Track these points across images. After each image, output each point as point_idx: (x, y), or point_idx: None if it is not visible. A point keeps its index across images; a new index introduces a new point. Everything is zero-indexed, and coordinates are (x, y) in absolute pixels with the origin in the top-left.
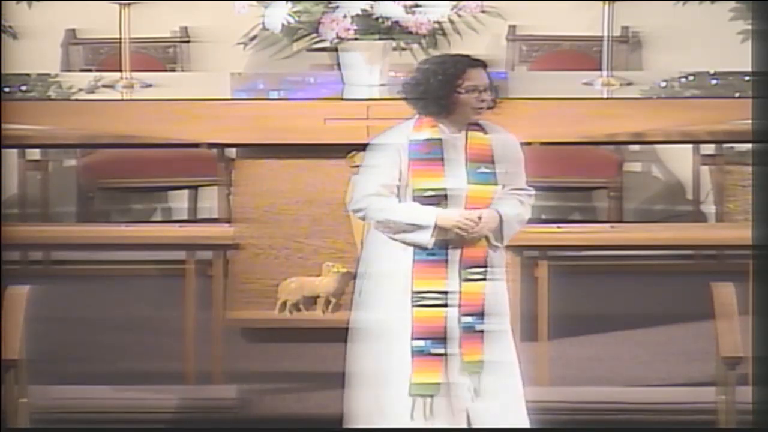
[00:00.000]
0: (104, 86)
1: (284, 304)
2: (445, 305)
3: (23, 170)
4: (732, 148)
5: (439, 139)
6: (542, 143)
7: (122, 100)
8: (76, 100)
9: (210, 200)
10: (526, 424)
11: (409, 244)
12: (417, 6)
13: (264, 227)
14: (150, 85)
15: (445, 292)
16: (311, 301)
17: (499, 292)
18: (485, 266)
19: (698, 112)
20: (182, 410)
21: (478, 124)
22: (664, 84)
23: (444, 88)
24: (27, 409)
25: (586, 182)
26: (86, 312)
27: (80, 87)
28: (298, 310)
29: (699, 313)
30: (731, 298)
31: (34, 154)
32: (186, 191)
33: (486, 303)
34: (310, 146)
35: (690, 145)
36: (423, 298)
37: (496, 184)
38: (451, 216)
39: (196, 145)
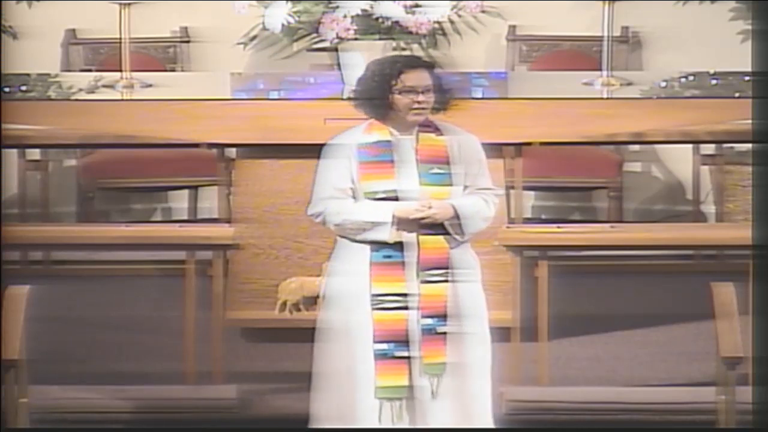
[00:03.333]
0: (104, 86)
1: (284, 304)
2: (406, 308)
3: (23, 170)
4: (732, 148)
5: (388, 141)
6: (542, 143)
7: (122, 100)
8: (76, 100)
9: (210, 200)
10: (490, 426)
11: (370, 242)
12: (417, 6)
13: (264, 227)
14: (150, 85)
15: (405, 294)
16: (311, 301)
17: (467, 293)
18: (447, 267)
19: (698, 112)
20: (182, 410)
21: (431, 125)
22: (664, 84)
23: (380, 89)
24: (27, 409)
25: (586, 182)
26: (86, 312)
27: (80, 87)
28: (298, 310)
29: (699, 313)
30: (731, 298)
31: (34, 154)
32: (186, 191)
33: (450, 305)
34: (310, 146)
35: (690, 145)
36: (382, 300)
37: (451, 184)
38: (408, 207)
39: (196, 145)
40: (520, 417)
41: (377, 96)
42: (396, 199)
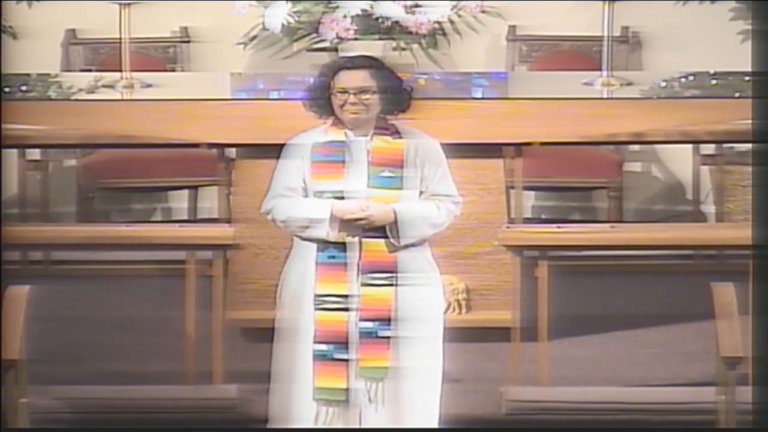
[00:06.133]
0: (104, 86)
1: None
2: (347, 309)
3: (23, 170)
4: (732, 148)
5: (342, 142)
6: (542, 143)
7: (122, 100)
8: (76, 100)
9: (210, 200)
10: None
11: (315, 240)
12: (417, 6)
13: (264, 227)
14: (150, 85)
15: (346, 296)
16: None
17: (417, 298)
18: (392, 271)
19: (698, 112)
20: (182, 410)
21: (389, 128)
22: (664, 84)
23: (319, 89)
24: (27, 409)
25: (586, 182)
26: (86, 312)
27: (80, 87)
28: None
29: (699, 313)
30: (731, 298)
31: (34, 154)
32: (186, 191)
33: (396, 309)
34: None
35: (690, 145)
36: (324, 301)
37: (401, 188)
38: (347, 207)
39: (196, 145)
40: (520, 417)
41: (317, 96)
42: (342, 199)
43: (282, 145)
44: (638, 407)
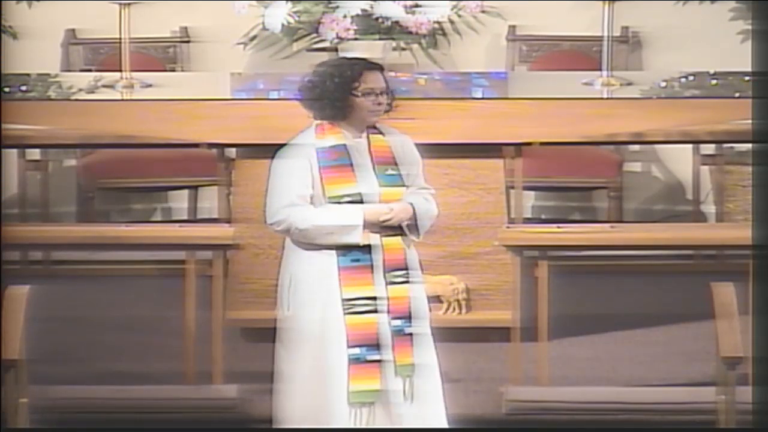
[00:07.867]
0: (104, 86)
1: None
2: (376, 311)
3: (23, 170)
4: (732, 148)
5: (344, 145)
6: (542, 143)
7: (122, 100)
8: (76, 100)
9: (210, 200)
10: (445, 426)
11: (339, 246)
12: (417, 6)
13: (264, 227)
14: (150, 85)
15: (374, 298)
16: None
17: (418, 293)
18: (406, 268)
19: (698, 112)
20: (182, 410)
21: (375, 128)
22: (664, 84)
23: (340, 91)
24: (27, 409)
25: (586, 182)
26: (86, 312)
27: (80, 87)
28: None
29: (699, 313)
30: (731, 298)
31: (34, 154)
32: (186, 191)
33: (411, 305)
34: None
35: (690, 145)
36: (354, 305)
37: (403, 185)
38: (377, 210)
39: (196, 145)
40: (520, 417)
41: (338, 98)
42: (361, 202)
43: (280, 146)
44: (638, 407)
